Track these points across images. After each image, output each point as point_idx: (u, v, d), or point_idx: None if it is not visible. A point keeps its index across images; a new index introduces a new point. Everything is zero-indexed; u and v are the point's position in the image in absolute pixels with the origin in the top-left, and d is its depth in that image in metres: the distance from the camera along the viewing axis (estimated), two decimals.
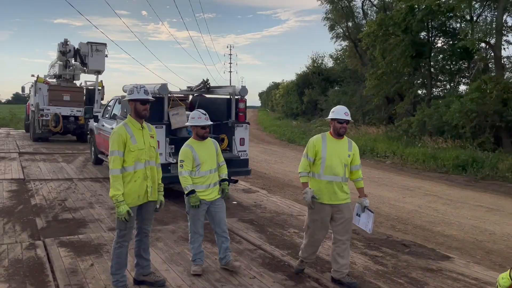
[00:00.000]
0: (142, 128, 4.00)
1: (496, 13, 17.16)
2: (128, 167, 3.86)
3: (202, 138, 4.56)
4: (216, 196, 4.57)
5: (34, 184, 9.10)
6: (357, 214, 4.50)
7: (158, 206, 4.17)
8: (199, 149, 4.50)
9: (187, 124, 4.66)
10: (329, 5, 30.83)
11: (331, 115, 4.36)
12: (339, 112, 4.34)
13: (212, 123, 4.66)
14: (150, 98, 4.03)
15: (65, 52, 17.70)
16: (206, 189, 4.50)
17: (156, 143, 4.17)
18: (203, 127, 4.52)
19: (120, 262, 3.95)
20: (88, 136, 12.78)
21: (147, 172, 3.97)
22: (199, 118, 4.52)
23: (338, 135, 4.36)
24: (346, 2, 30.25)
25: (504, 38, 17.18)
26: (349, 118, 4.34)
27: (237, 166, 7.90)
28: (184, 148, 4.52)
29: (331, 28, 32.52)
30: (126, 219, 3.75)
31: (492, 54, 17.33)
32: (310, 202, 4.29)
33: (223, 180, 4.69)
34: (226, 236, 4.64)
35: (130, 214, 3.77)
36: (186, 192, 4.46)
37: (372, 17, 27.83)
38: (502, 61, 17.52)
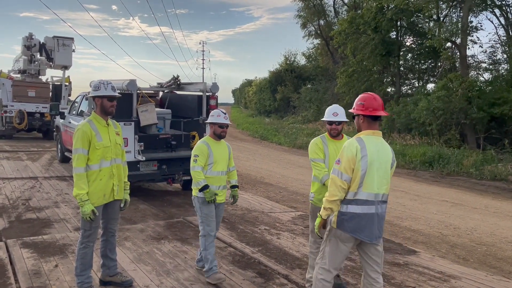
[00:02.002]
0: (107, 125, 3.89)
1: (461, 14, 17.68)
2: (93, 165, 3.74)
3: (218, 137, 4.41)
4: (223, 200, 4.46)
5: None
6: None
7: (122, 205, 4.07)
8: (215, 148, 4.36)
9: (207, 121, 4.50)
10: (301, 2, 31.07)
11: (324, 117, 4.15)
12: (328, 113, 4.09)
13: (230, 123, 4.49)
14: (117, 94, 3.92)
15: (30, 46, 17.14)
16: (216, 190, 4.34)
17: (122, 140, 4.06)
18: (220, 126, 4.36)
19: (85, 263, 3.84)
20: (55, 133, 12.41)
21: (113, 170, 3.87)
22: (218, 116, 4.37)
23: (332, 136, 4.12)
24: (317, 0, 30.54)
25: (469, 37, 17.76)
26: (338, 118, 4.04)
27: None
28: (200, 144, 4.37)
29: (303, 26, 32.83)
30: (91, 218, 3.65)
31: (458, 53, 17.86)
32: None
33: (233, 186, 4.62)
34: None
35: (95, 214, 3.68)
36: (199, 188, 4.21)
37: (343, 16, 28.21)
38: (467, 60, 18.08)
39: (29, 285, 4.07)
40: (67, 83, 17.45)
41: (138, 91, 7.66)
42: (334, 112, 4.07)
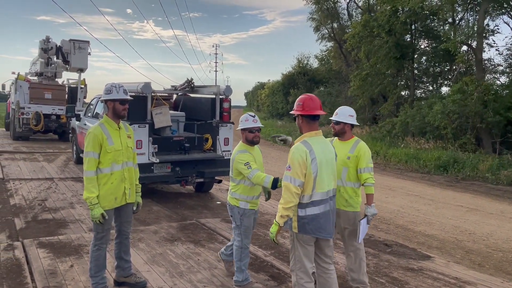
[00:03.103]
0: (119, 128, 3.91)
1: (477, 16, 17.46)
2: (104, 168, 3.76)
3: (251, 143, 4.16)
4: (256, 208, 4.35)
5: (13, 183, 8.91)
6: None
7: (135, 208, 4.11)
8: (254, 154, 4.17)
9: (238, 128, 4.30)
10: (314, 5, 31.00)
11: None
12: (334, 112, 4.15)
13: (262, 125, 4.26)
14: (129, 97, 3.94)
15: (47, 49, 17.39)
16: (256, 199, 4.28)
17: (133, 143, 4.08)
18: (251, 131, 4.11)
19: (98, 264, 3.88)
20: (70, 135, 12.59)
21: (125, 174, 3.88)
22: (246, 120, 4.12)
23: (334, 135, 4.18)
24: (331, 3, 30.46)
25: (486, 41, 17.51)
26: (335, 118, 4.07)
27: (222, 166, 7.88)
28: (242, 154, 4.07)
29: (317, 29, 32.69)
30: (100, 221, 3.68)
31: (474, 56, 17.63)
32: None
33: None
34: None
35: (104, 217, 3.70)
36: (271, 185, 3.93)
37: (357, 19, 28.06)
38: (483, 64, 17.84)
39: (45, 285, 4.14)
40: (82, 86, 17.65)
41: (152, 94, 7.74)
42: (336, 112, 4.13)
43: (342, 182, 3.99)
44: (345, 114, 4.08)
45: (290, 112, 3.44)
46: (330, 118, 4.15)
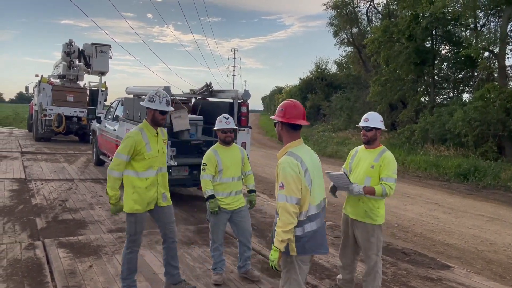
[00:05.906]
0: (157, 134, 3.93)
1: (500, 22, 17.15)
2: (141, 173, 3.80)
3: (224, 142, 4.45)
4: (240, 205, 4.46)
5: (35, 184, 9.11)
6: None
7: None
8: (224, 154, 4.40)
9: (213, 128, 4.57)
10: (333, 11, 30.93)
11: None
12: (363, 119, 3.99)
13: (236, 127, 4.50)
14: (171, 109, 3.92)
15: (70, 52, 17.78)
16: (227, 196, 4.39)
17: (166, 148, 4.08)
18: (223, 131, 4.41)
19: (131, 267, 3.89)
20: (91, 137, 12.81)
21: (158, 179, 3.90)
22: (219, 122, 4.46)
23: (363, 143, 4.04)
24: (350, 8, 30.35)
25: (508, 47, 17.18)
26: (368, 124, 3.90)
27: None
28: (208, 152, 4.43)
29: (336, 34, 32.60)
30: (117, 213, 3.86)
31: (496, 63, 17.31)
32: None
33: (250, 191, 4.66)
34: (249, 246, 4.56)
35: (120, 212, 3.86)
36: (205, 197, 4.37)
37: (376, 24, 27.86)
38: (506, 70, 17.49)
39: (65, 284, 4.21)
40: (103, 89, 17.95)
41: (171, 98, 7.81)
42: (366, 118, 3.96)
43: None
44: (376, 119, 3.92)
45: (271, 117, 3.13)
46: (358, 125, 4.01)
